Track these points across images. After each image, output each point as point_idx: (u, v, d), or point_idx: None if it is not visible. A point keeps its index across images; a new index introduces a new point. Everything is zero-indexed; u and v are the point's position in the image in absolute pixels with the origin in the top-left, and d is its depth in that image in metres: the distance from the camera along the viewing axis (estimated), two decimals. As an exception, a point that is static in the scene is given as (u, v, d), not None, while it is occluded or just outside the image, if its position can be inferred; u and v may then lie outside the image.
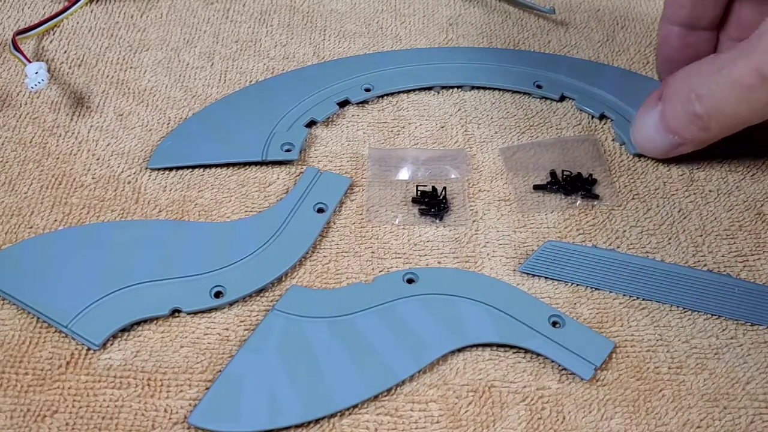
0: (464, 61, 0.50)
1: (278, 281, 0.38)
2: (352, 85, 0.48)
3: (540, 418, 0.33)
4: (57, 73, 0.49)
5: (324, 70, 0.49)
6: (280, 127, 0.44)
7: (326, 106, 0.46)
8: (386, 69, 0.49)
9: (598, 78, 0.49)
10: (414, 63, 0.50)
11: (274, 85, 0.48)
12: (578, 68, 0.50)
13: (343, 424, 0.33)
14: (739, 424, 0.33)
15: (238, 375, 0.33)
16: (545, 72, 0.49)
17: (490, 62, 0.50)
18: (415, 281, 0.37)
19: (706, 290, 0.37)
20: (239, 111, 0.46)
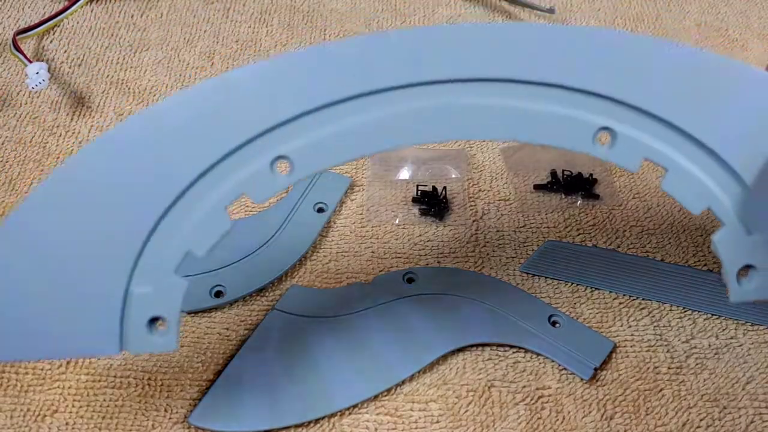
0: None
1: (278, 281, 0.38)
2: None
3: (540, 418, 0.33)
4: (57, 72, 0.49)
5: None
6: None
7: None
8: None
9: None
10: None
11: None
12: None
13: (343, 424, 0.33)
14: (739, 424, 0.33)
15: (238, 375, 0.33)
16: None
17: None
18: (415, 281, 0.37)
19: (706, 290, 0.37)
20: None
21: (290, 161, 0.24)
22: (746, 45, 0.54)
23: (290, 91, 0.24)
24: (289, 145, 0.24)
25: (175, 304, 0.25)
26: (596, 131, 0.25)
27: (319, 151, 0.24)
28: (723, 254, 0.26)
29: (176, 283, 0.25)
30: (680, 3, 0.58)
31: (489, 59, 0.24)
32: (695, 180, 0.25)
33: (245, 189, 0.24)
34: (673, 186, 0.25)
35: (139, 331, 0.25)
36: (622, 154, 0.25)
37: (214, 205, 0.24)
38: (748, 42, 0.54)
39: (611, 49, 0.24)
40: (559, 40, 0.24)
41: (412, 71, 0.24)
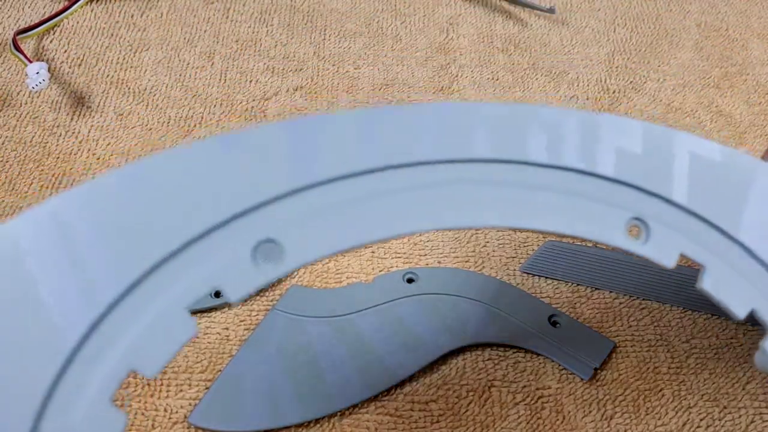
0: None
1: (278, 281, 0.38)
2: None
3: (540, 418, 0.33)
4: (57, 72, 0.49)
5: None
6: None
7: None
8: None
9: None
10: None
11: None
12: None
13: (343, 424, 0.33)
14: (739, 424, 0.33)
15: (238, 375, 0.33)
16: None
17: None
18: (415, 281, 0.37)
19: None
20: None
21: (280, 247, 0.19)
22: (746, 45, 0.54)
23: (284, 163, 0.19)
24: (279, 226, 0.19)
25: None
26: (627, 222, 0.23)
27: (317, 236, 0.19)
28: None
29: (111, 419, 0.17)
30: (680, 3, 0.58)
31: (509, 140, 0.22)
32: (735, 279, 0.23)
33: (219, 282, 0.18)
34: (711, 285, 0.23)
35: None
36: (657, 249, 0.23)
37: (172, 304, 0.18)
38: (748, 42, 0.54)
39: (633, 136, 0.23)
40: (580, 125, 0.23)
41: (424, 149, 0.21)
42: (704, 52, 0.53)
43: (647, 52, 0.53)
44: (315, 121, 0.20)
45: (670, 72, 0.51)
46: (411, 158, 0.21)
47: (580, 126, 0.23)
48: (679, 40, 0.54)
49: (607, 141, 0.23)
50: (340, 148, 0.20)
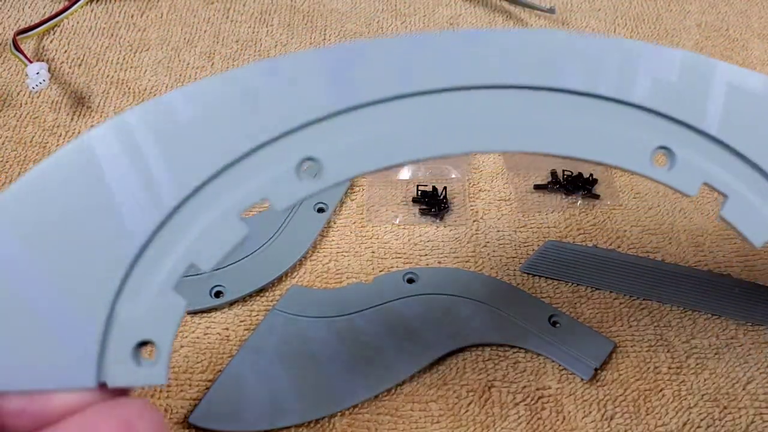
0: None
1: (278, 281, 0.38)
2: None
3: (540, 418, 0.33)
4: (57, 72, 0.49)
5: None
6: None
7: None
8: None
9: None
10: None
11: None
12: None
13: (343, 424, 0.33)
14: (739, 424, 0.33)
15: (238, 375, 0.33)
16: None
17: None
18: (415, 281, 0.37)
19: (706, 290, 0.37)
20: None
21: (320, 164, 0.21)
22: (746, 45, 0.54)
23: (322, 88, 0.21)
24: (320, 145, 0.21)
25: (169, 327, 0.21)
26: (653, 151, 0.23)
27: (353, 155, 0.21)
28: None
29: (173, 303, 0.21)
30: (681, 3, 0.58)
31: (540, 66, 0.23)
32: (757, 210, 0.23)
33: (266, 193, 0.21)
34: (733, 214, 0.23)
35: (123, 359, 0.20)
36: (680, 177, 0.23)
37: (227, 210, 0.21)
38: (748, 42, 0.54)
39: (667, 64, 0.23)
40: (617, 53, 0.23)
41: (456, 74, 0.22)
42: (704, 52, 0.53)
43: (647, 52, 0.53)
44: (355, 47, 0.22)
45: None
46: (447, 83, 0.22)
47: (614, 54, 0.23)
48: (680, 40, 0.54)
49: (640, 69, 0.23)
50: (377, 73, 0.22)
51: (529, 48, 0.23)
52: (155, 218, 0.21)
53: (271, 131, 0.21)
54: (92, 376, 0.20)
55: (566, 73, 0.23)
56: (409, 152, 0.22)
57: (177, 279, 0.21)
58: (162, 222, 0.21)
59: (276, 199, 0.21)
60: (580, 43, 0.23)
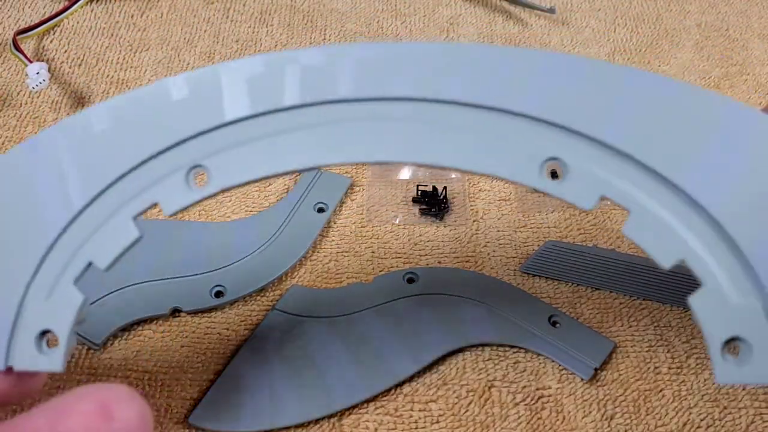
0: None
1: (278, 281, 0.38)
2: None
3: (540, 418, 0.33)
4: (57, 72, 0.49)
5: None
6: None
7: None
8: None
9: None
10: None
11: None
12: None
13: (343, 424, 0.33)
14: (739, 424, 0.33)
15: (238, 375, 0.33)
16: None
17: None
18: (415, 281, 0.37)
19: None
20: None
21: (207, 173, 0.23)
22: (746, 45, 0.54)
23: (212, 101, 0.23)
24: (207, 155, 0.23)
25: (67, 318, 0.23)
26: (543, 162, 0.22)
27: (238, 164, 0.23)
28: (703, 321, 0.21)
29: (71, 296, 0.23)
30: (680, 3, 0.58)
31: (426, 78, 0.22)
32: (665, 226, 0.21)
33: (157, 198, 0.23)
34: (636, 231, 0.21)
35: (27, 346, 0.23)
36: (574, 189, 0.22)
37: (122, 214, 0.23)
38: (748, 42, 0.54)
39: (565, 72, 0.22)
40: (502, 61, 0.22)
41: (343, 87, 0.23)
42: (704, 52, 0.53)
43: (647, 52, 0.53)
44: (243, 64, 0.23)
45: (671, 72, 0.51)
46: (334, 95, 0.23)
47: (503, 63, 0.22)
48: (680, 40, 0.54)
49: (529, 77, 0.22)
50: (262, 87, 0.23)
51: (418, 60, 0.23)
52: (64, 218, 0.23)
53: (162, 142, 0.23)
54: (1, 361, 0.23)
55: (452, 83, 0.22)
56: (291, 162, 0.23)
57: (77, 275, 0.23)
58: (69, 222, 0.23)
59: (166, 205, 0.23)
60: (471, 53, 0.22)
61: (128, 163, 0.23)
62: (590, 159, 0.22)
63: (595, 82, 0.22)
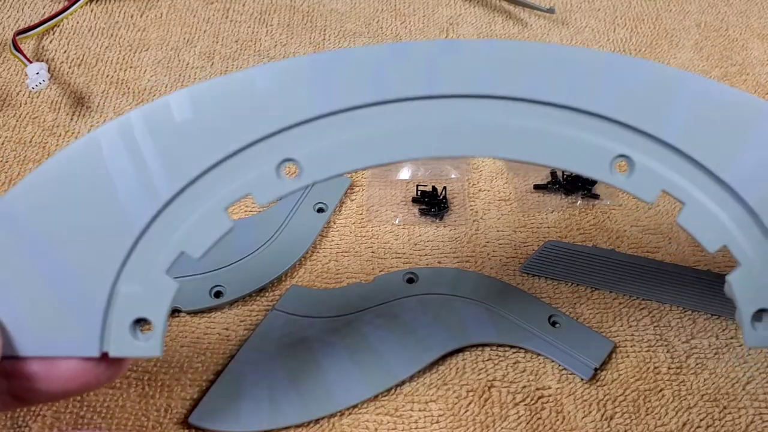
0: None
1: (278, 281, 0.38)
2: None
3: (540, 418, 0.33)
4: (57, 72, 0.49)
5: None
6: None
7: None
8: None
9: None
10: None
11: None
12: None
13: (343, 424, 0.33)
14: (739, 424, 0.33)
15: (238, 375, 0.33)
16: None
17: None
18: (415, 281, 0.37)
19: (705, 290, 0.37)
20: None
21: (299, 165, 0.24)
22: (746, 45, 0.54)
23: (304, 94, 0.23)
24: (299, 148, 0.24)
25: (162, 306, 0.23)
26: (614, 158, 0.24)
27: (329, 158, 0.24)
28: (738, 295, 0.25)
29: (166, 285, 0.23)
30: (680, 3, 0.58)
31: (507, 77, 0.24)
32: (712, 216, 0.24)
33: (250, 190, 0.23)
34: (689, 221, 0.24)
35: (123, 332, 0.23)
36: (639, 183, 0.24)
37: (214, 205, 0.23)
38: (748, 42, 0.54)
39: (632, 76, 0.24)
40: (579, 63, 0.24)
41: (429, 83, 0.24)
42: (704, 52, 0.53)
43: (647, 52, 0.53)
44: (333, 56, 0.24)
45: (670, 72, 0.51)
46: (420, 92, 0.24)
47: (579, 64, 0.24)
48: (679, 40, 0.54)
49: (603, 79, 0.24)
50: (354, 81, 0.24)
51: (497, 57, 0.24)
52: (152, 209, 0.23)
53: (255, 134, 0.23)
54: (96, 347, 0.23)
55: (530, 83, 0.24)
56: (380, 156, 0.24)
57: (169, 264, 0.23)
58: (157, 212, 0.23)
59: (259, 195, 0.23)
60: (546, 53, 0.24)
61: (218, 154, 0.23)
62: (652, 156, 0.24)
63: (657, 84, 0.24)
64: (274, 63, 0.23)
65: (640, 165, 0.24)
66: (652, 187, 0.24)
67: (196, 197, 0.23)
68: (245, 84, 0.23)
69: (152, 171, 0.23)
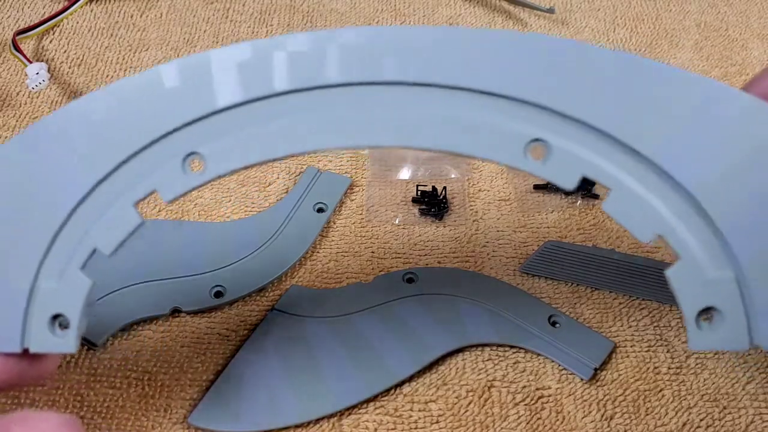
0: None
1: (278, 281, 0.38)
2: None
3: (540, 418, 0.33)
4: (57, 72, 0.49)
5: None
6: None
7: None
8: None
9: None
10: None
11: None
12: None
13: (342, 424, 0.33)
14: (739, 424, 0.33)
15: (238, 375, 0.33)
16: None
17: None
18: (415, 281, 0.37)
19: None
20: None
21: (203, 159, 0.23)
22: (746, 45, 0.54)
23: (207, 88, 0.23)
24: (203, 142, 0.23)
25: (76, 302, 0.24)
26: (528, 143, 0.22)
27: (232, 151, 0.23)
28: (679, 293, 0.22)
29: (81, 282, 0.24)
30: (680, 3, 0.58)
31: (416, 63, 0.22)
32: (644, 203, 0.22)
33: (155, 185, 0.23)
34: (616, 208, 0.22)
35: (42, 328, 0.24)
36: (557, 169, 0.22)
37: (124, 201, 0.24)
38: (748, 42, 0.54)
39: (546, 54, 0.22)
40: (488, 44, 0.22)
41: (333, 72, 0.23)
42: (704, 52, 0.53)
43: (647, 53, 0.53)
44: (235, 49, 0.23)
45: (670, 72, 0.51)
46: (322, 81, 0.23)
47: (487, 46, 0.22)
48: (679, 40, 0.54)
49: (512, 59, 0.22)
50: (252, 73, 0.23)
51: (407, 43, 0.23)
52: (67, 206, 0.23)
53: (161, 129, 0.23)
54: (17, 342, 0.24)
55: (437, 67, 0.22)
56: (282, 148, 0.23)
57: (83, 260, 0.24)
58: (72, 209, 0.24)
59: (164, 192, 0.23)
60: (454, 37, 0.23)
61: (126, 151, 0.23)
62: (573, 139, 0.22)
63: (576, 62, 0.22)
64: (181, 59, 0.23)
65: (557, 149, 0.22)
66: (571, 172, 0.22)
67: (108, 194, 0.24)
68: (152, 80, 0.23)
69: (68, 168, 0.23)
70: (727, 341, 0.22)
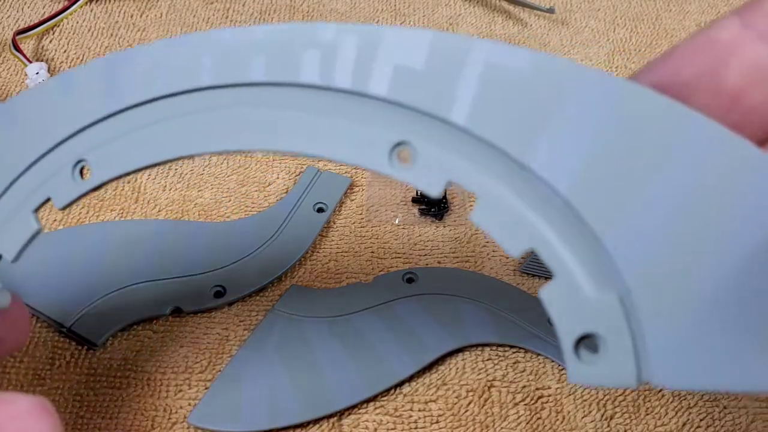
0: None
1: (278, 281, 0.38)
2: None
3: (540, 418, 0.33)
4: (57, 72, 0.49)
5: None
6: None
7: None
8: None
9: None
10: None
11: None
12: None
13: (342, 424, 0.33)
14: (739, 424, 0.33)
15: (238, 375, 0.33)
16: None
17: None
18: (414, 281, 0.37)
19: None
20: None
21: (89, 166, 0.24)
22: (746, 45, 0.54)
23: (94, 95, 0.23)
24: (91, 149, 0.24)
25: None
26: (393, 147, 0.20)
27: (114, 156, 0.24)
28: (555, 316, 0.19)
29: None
30: (680, 3, 0.58)
31: (279, 63, 0.21)
32: (514, 212, 0.19)
33: (49, 192, 0.24)
34: (484, 218, 0.20)
35: None
36: (423, 175, 0.20)
37: (23, 208, 0.24)
38: (747, 42, 0.54)
39: (410, 48, 0.20)
40: (347, 39, 0.21)
41: (201, 76, 0.22)
42: (704, 52, 0.53)
43: (647, 53, 0.53)
44: (120, 55, 0.24)
45: (670, 72, 0.51)
46: (195, 84, 0.23)
47: (356, 43, 0.21)
48: (679, 40, 0.54)
49: (378, 56, 0.20)
50: (130, 79, 0.23)
51: (272, 43, 0.21)
52: None
53: (56, 137, 0.24)
54: None
55: (300, 66, 0.21)
56: (164, 153, 0.23)
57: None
58: None
59: (57, 199, 0.24)
60: (312, 33, 0.21)
61: (25, 161, 0.24)
62: (439, 142, 0.20)
63: (444, 58, 0.20)
64: (76, 67, 0.24)
65: (423, 153, 0.20)
66: (437, 178, 0.20)
67: (12, 200, 0.24)
68: (52, 88, 0.24)
69: None
70: (609, 376, 0.19)
